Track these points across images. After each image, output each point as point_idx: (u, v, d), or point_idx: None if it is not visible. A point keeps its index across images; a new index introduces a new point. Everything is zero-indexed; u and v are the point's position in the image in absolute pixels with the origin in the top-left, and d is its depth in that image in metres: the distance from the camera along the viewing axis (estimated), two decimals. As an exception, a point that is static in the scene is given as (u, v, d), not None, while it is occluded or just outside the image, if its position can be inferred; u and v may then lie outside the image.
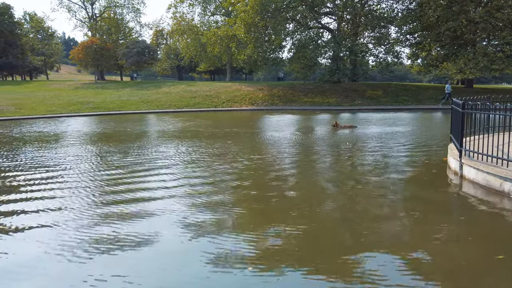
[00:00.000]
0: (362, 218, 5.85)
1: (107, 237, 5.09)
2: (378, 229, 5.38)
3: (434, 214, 6.06)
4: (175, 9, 58.38)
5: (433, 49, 39.54)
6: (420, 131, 16.95)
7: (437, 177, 8.56)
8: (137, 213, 6.08)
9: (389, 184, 7.95)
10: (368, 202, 6.73)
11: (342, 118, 23.70)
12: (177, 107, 33.85)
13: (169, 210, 6.13)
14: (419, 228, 5.48)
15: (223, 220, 5.83)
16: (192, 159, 10.77)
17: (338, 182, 8.23)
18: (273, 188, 7.64)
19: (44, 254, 4.62)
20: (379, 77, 72.84)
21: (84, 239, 5.03)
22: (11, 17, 64.30)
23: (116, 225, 5.51)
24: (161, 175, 8.86)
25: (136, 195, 7.16)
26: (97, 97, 36.64)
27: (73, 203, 6.58)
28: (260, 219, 5.94)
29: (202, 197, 6.95)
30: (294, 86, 42.09)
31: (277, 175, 8.74)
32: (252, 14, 36.01)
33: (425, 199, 6.93)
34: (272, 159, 10.75)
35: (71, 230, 5.35)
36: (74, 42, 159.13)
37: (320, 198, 7.08)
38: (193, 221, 5.64)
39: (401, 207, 6.52)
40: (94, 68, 57.30)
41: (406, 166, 9.75)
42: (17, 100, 32.85)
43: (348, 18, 40.22)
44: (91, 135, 17.11)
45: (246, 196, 7.20)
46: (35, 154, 11.82)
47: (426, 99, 36.10)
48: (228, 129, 18.38)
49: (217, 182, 8.18)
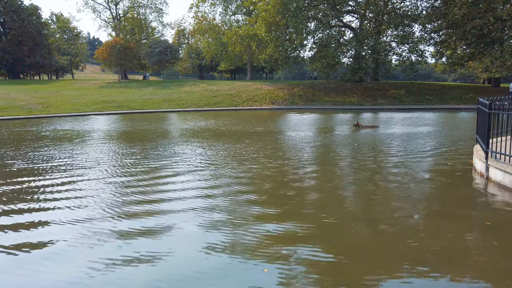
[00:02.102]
0: (386, 219, 5.80)
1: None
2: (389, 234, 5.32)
3: (458, 218, 5.95)
4: (197, 8, 58.84)
5: (458, 48, 38.58)
6: (445, 132, 16.58)
7: (462, 180, 8.36)
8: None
9: (415, 187, 7.82)
10: (393, 205, 6.65)
11: (364, 118, 23.45)
12: (198, 106, 34.17)
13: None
14: (443, 231, 5.39)
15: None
16: (236, 156, 10.88)
17: (363, 183, 8.16)
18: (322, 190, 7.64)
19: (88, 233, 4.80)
20: (402, 76, 71.57)
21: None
22: (38, 18, 66.23)
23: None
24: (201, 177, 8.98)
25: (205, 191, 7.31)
26: (120, 96, 37.37)
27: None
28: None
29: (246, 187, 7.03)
30: (315, 85, 41.85)
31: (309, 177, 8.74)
32: (273, 13, 35.97)
33: (449, 202, 6.79)
34: (301, 160, 10.75)
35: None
36: (98, 42, 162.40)
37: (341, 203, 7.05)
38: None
39: (424, 208, 6.41)
40: (117, 67, 58.33)
41: (430, 167, 9.57)
42: (43, 99, 33.85)
43: (370, 16, 39.66)
44: (123, 133, 17.47)
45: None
46: (73, 152, 12.18)
47: (451, 98, 35.30)
48: (263, 128, 18.44)
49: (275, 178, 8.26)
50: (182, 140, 14.84)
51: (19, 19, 61.29)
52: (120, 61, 54.13)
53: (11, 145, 13.91)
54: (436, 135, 15.32)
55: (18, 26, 60.90)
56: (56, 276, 4.22)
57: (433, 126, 18.83)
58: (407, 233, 5.27)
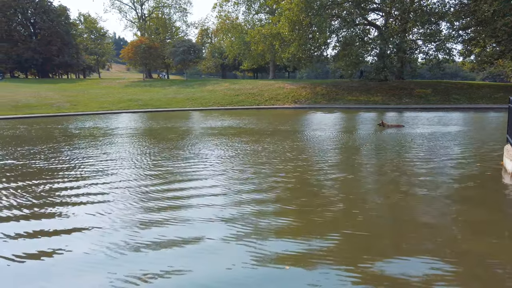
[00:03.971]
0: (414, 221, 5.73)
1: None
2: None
3: (490, 221, 5.82)
4: (220, 8, 59.29)
5: (488, 45, 37.51)
6: (474, 132, 16.15)
7: (492, 180, 8.14)
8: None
9: (446, 188, 7.66)
10: (422, 208, 6.55)
11: (388, 117, 23.09)
12: (221, 104, 34.41)
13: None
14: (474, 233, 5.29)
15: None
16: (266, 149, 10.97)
17: (399, 185, 8.07)
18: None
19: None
20: (427, 75, 70.14)
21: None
22: (67, 18, 68.12)
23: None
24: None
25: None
26: (145, 95, 38.05)
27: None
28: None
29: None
30: (338, 84, 41.49)
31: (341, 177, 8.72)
32: (296, 12, 35.85)
33: (480, 203, 6.64)
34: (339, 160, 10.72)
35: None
36: (124, 41, 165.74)
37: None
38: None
39: (457, 211, 6.28)
40: (142, 66, 59.40)
41: (459, 168, 9.33)
42: (71, 97, 34.84)
43: (396, 14, 38.96)
44: (153, 131, 17.79)
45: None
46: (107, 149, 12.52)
47: (480, 98, 34.30)
48: (293, 127, 18.45)
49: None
50: (232, 139, 14.99)
51: (49, 20, 63.25)
52: (145, 61, 55.13)
53: (39, 141, 14.38)
54: (464, 135, 14.94)
55: (48, 27, 62.86)
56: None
57: (461, 126, 18.37)
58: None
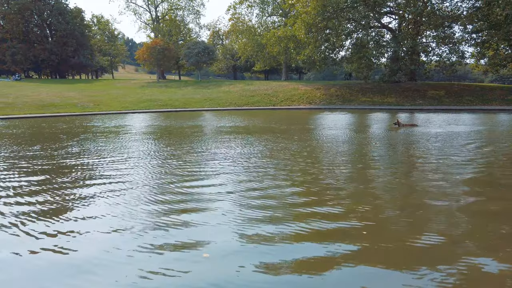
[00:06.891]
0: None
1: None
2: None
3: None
4: (234, 10, 60.17)
5: (500, 48, 38.04)
6: (487, 132, 16.64)
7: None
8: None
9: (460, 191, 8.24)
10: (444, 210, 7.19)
11: (403, 118, 23.70)
12: (237, 105, 35.21)
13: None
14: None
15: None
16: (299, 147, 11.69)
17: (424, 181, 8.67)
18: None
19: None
20: (437, 76, 70.46)
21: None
22: (82, 20, 69.43)
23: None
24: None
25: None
26: (163, 95, 38.98)
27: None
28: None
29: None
30: (351, 86, 42.19)
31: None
32: (313, 15, 36.61)
33: (498, 206, 7.21)
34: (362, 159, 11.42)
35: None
36: (132, 43, 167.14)
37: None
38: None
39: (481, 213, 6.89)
40: (156, 67, 60.44)
41: (475, 168, 9.53)
42: (93, 97, 35.84)
43: (409, 17, 39.60)
44: (184, 130, 18.56)
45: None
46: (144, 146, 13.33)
47: (493, 99, 34.85)
48: (315, 126, 19.14)
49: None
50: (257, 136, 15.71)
51: (65, 21, 64.53)
52: (159, 62, 56.16)
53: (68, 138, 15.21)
54: (477, 135, 15.25)
55: (64, 28, 64.13)
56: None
57: (474, 126, 18.80)
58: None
